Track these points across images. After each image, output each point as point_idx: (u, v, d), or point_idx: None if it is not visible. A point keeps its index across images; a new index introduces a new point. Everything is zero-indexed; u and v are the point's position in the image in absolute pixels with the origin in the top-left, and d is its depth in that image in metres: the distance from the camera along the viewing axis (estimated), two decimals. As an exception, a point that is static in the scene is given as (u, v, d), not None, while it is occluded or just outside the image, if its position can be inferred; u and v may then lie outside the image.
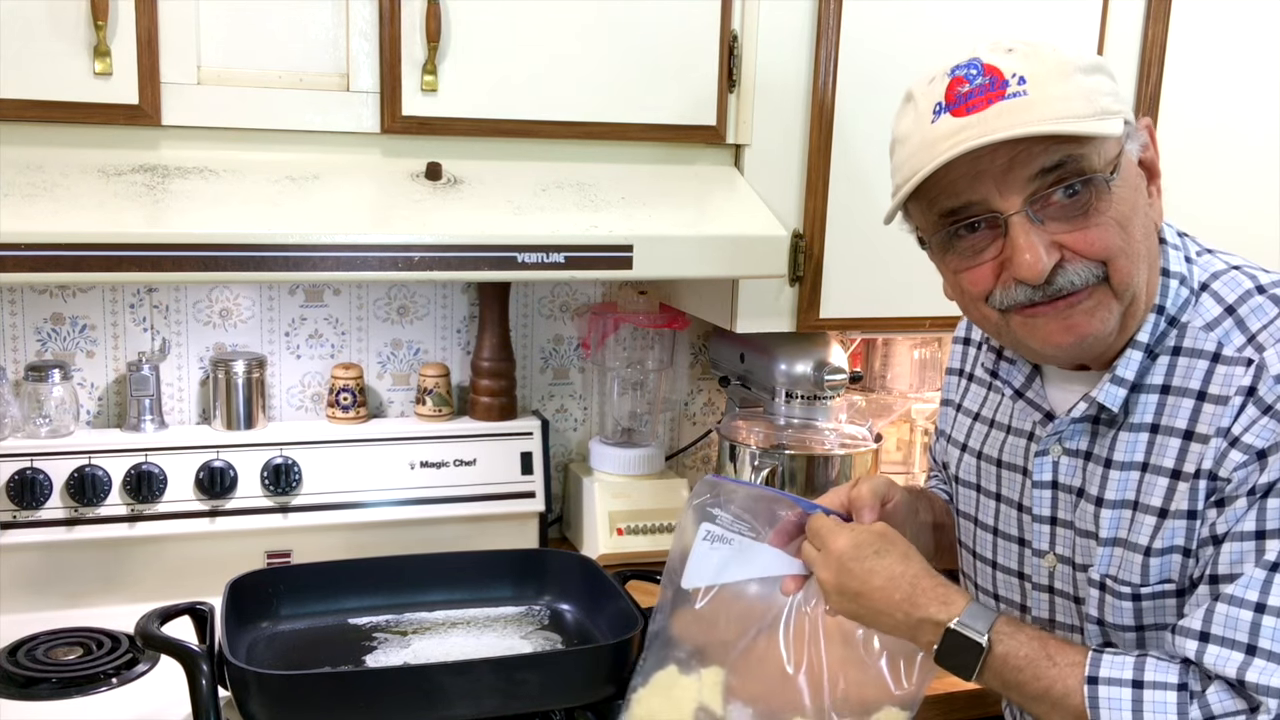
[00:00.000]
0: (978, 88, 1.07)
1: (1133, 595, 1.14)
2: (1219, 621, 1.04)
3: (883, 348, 2.19)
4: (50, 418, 1.79)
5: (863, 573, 1.17)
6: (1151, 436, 1.14)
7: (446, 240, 1.48)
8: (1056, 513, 1.23)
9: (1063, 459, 1.21)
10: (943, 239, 1.14)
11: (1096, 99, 1.07)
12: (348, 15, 1.55)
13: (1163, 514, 1.12)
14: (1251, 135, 1.98)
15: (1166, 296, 1.14)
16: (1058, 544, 1.24)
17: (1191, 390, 1.12)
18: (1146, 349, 1.14)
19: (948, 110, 1.08)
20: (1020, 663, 1.10)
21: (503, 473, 1.95)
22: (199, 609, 1.49)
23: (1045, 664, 1.09)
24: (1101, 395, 1.15)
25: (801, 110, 1.75)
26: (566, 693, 1.47)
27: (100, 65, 1.44)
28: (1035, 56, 1.07)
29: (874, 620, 1.18)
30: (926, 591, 1.15)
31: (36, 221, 1.35)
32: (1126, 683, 1.05)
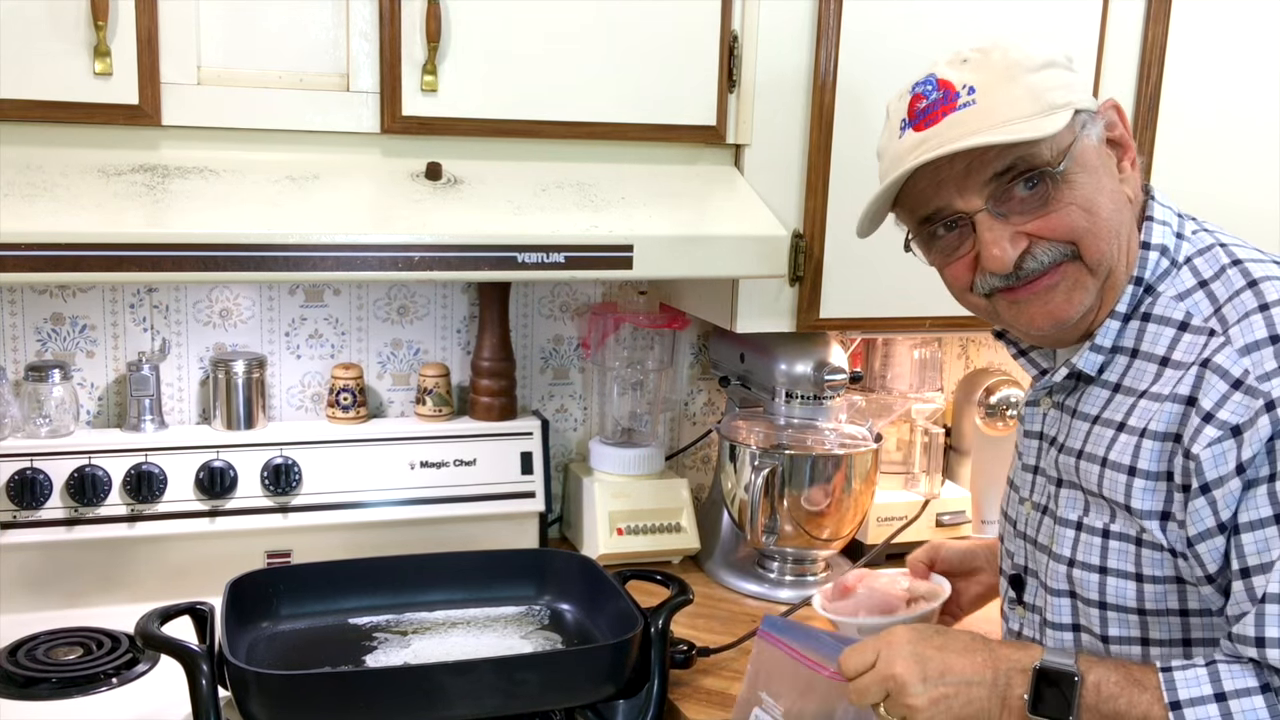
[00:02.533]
0: (933, 102, 1.18)
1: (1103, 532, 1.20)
2: (1271, 622, 1.05)
3: (883, 348, 2.19)
4: (50, 418, 1.79)
5: (937, 649, 1.16)
6: (1112, 394, 1.21)
7: (446, 240, 1.48)
8: (1039, 462, 1.31)
9: (1051, 411, 1.30)
10: (922, 240, 1.26)
11: (1043, 96, 1.15)
12: (348, 15, 1.55)
13: (1104, 463, 1.19)
14: (1252, 135, 1.98)
15: (1145, 268, 1.20)
16: (1036, 492, 1.32)
17: (1156, 356, 1.18)
18: (1124, 317, 1.21)
19: (910, 125, 1.20)
20: (1114, 690, 1.10)
21: (503, 473, 1.95)
22: (199, 609, 1.49)
23: (1136, 690, 1.09)
24: (1080, 362, 1.23)
25: (801, 110, 1.75)
26: (566, 693, 1.47)
27: (100, 65, 1.44)
28: (985, 64, 1.17)
29: (965, 694, 1.14)
30: (1001, 647, 1.17)
31: (36, 221, 1.35)
32: (1210, 698, 1.06)
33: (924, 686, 1.14)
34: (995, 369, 2.26)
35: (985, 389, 2.16)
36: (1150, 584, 1.17)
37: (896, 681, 1.15)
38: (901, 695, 1.15)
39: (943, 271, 1.27)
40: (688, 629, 1.72)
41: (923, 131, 1.18)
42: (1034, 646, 1.17)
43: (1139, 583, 1.17)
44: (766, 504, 1.85)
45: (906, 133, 1.20)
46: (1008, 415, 2.15)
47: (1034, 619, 1.31)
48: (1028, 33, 1.80)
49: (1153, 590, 1.17)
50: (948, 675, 1.14)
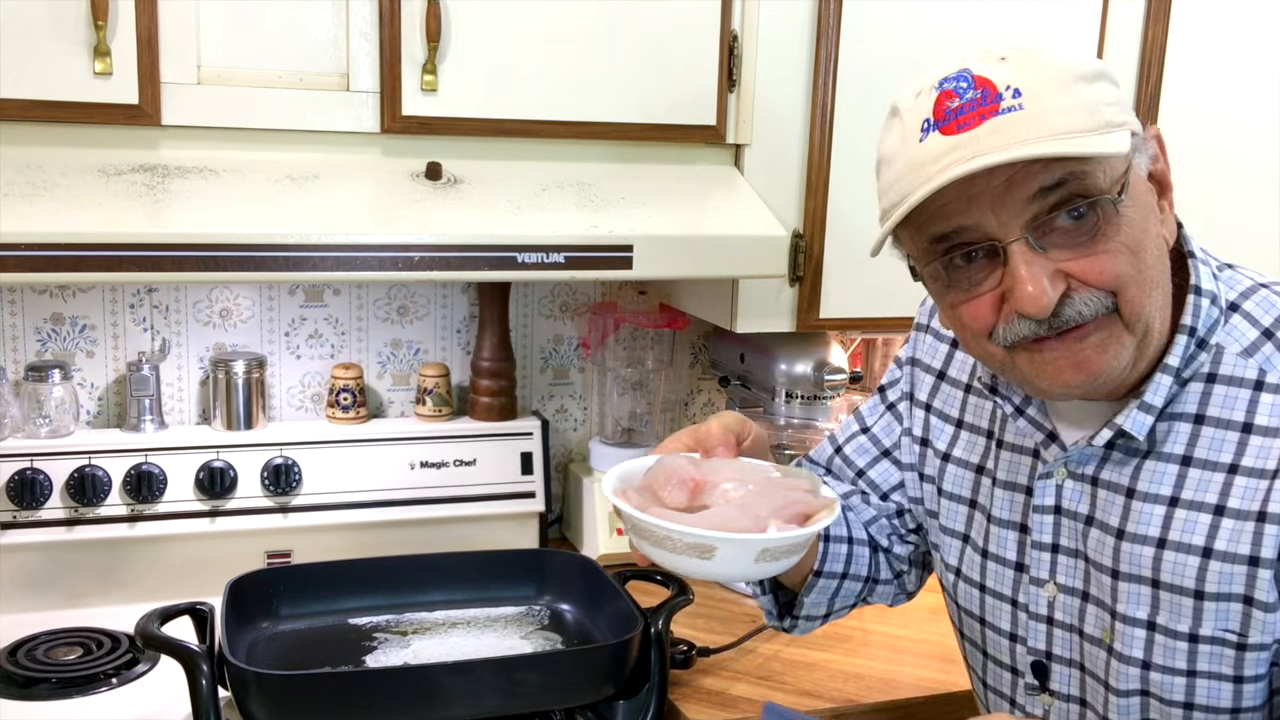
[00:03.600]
0: (969, 102, 0.97)
1: (1189, 637, 1.06)
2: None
3: (883, 348, 2.19)
4: (50, 418, 1.79)
5: None
6: (1184, 469, 1.06)
7: (446, 240, 1.48)
8: (1059, 539, 1.16)
9: (1067, 482, 1.14)
10: (936, 269, 1.04)
11: (1099, 110, 0.97)
12: (348, 15, 1.55)
13: (1206, 553, 1.04)
14: (1252, 135, 1.98)
15: (1197, 317, 1.05)
16: (1059, 573, 1.16)
17: (1235, 422, 1.04)
18: (1177, 374, 1.05)
19: (937, 128, 0.98)
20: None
21: (503, 473, 1.95)
22: (199, 609, 1.49)
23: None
24: (1127, 423, 1.06)
25: (801, 110, 1.75)
26: (566, 693, 1.47)
27: (100, 65, 1.44)
28: (1030, 64, 0.97)
29: None
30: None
31: (36, 221, 1.35)
32: None
33: None
34: (995, 369, 2.26)
35: (985, 389, 2.15)
36: (1251, 684, 1.05)
37: None
38: None
39: (955, 309, 1.06)
40: (688, 629, 1.72)
41: (954, 136, 0.97)
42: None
43: (1237, 684, 1.06)
44: (766, 504, 1.85)
45: (931, 135, 0.98)
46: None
47: (1066, 708, 1.18)
48: (1027, 33, 1.81)
49: (1252, 689, 1.05)
50: None
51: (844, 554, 1.30)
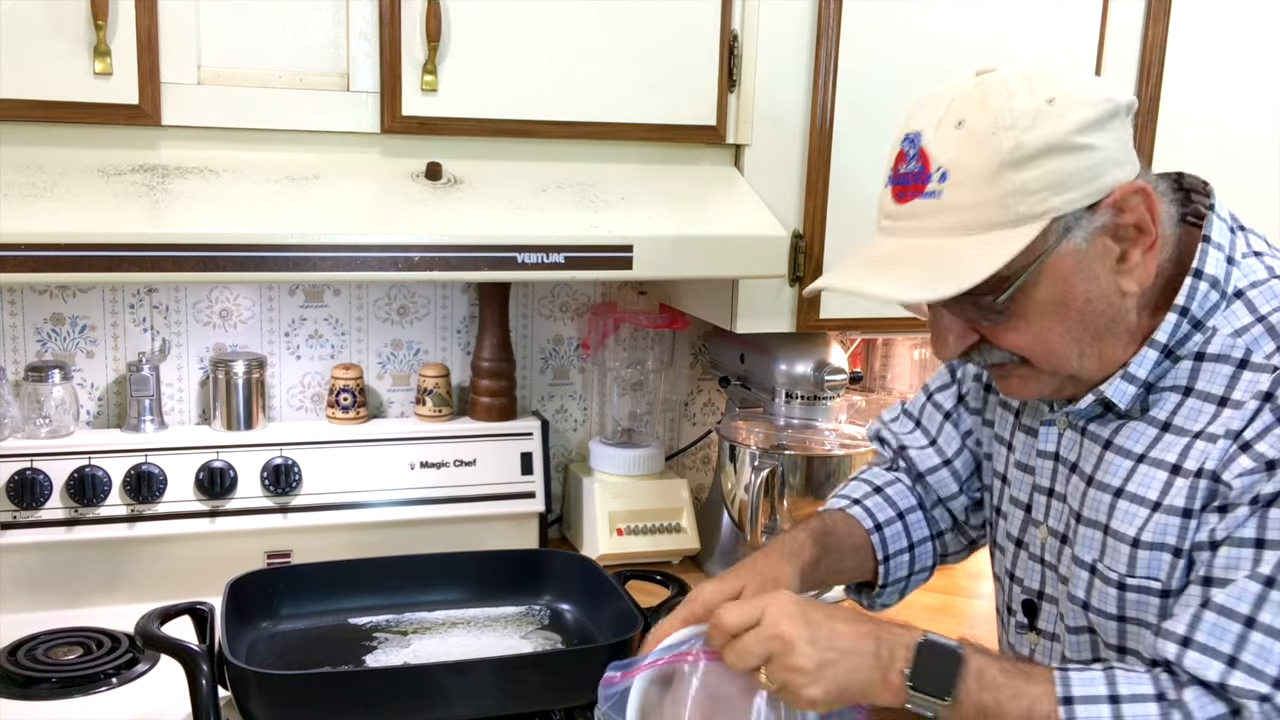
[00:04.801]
0: (909, 173, 1.09)
1: (1118, 584, 1.14)
2: (1205, 629, 1.03)
3: (883, 348, 2.20)
4: (50, 418, 1.79)
5: (825, 615, 1.08)
6: (1160, 433, 1.13)
7: (446, 240, 1.48)
8: (1054, 485, 1.24)
9: (1067, 432, 1.22)
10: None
11: (1016, 205, 1.04)
12: (348, 15, 1.55)
13: (1155, 507, 1.11)
14: (1252, 135, 1.98)
15: (1193, 299, 1.11)
16: (1051, 516, 1.25)
17: (1214, 395, 1.10)
18: (1164, 349, 1.12)
19: (891, 184, 1.12)
20: (998, 678, 1.05)
21: (503, 473, 1.95)
22: (199, 609, 1.49)
23: (1023, 681, 1.05)
24: (1110, 391, 1.14)
25: (802, 110, 1.75)
26: (566, 693, 1.46)
27: (100, 65, 1.44)
28: (974, 143, 1.05)
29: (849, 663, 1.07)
30: (887, 625, 1.10)
31: (36, 221, 1.35)
32: (1103, 699, 1.03)
33: (811, 649, 1.06)
34: (995, 369, 2.26)
35: (985, 389, 2.15)
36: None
37: (783, 641, 1.06)
38: (787, 656, 1.06)
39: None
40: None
41: (893, 204, 1.10)
42: (917, 627, 1.10)
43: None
44: (766, 504, 1.85)
45: (887, 189, 1.12)
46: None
47: (1050, 646, 1.27)
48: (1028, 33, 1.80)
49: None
50: (835, 641, 1.06)
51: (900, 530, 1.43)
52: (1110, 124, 1.06)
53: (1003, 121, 1.04)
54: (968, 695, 1.05)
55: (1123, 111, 1.08)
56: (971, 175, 1.05)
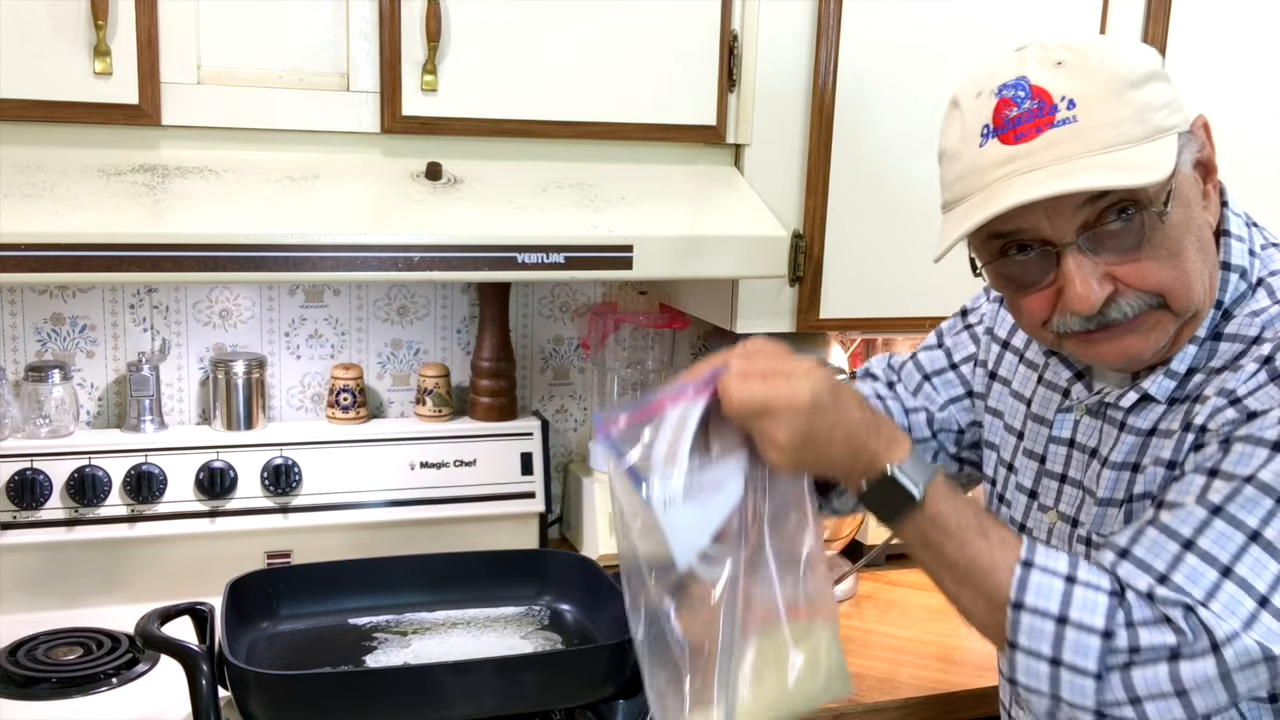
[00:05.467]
0: (1026, 113, 1.04)
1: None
2: (1144, 544, 1.04)
3: (883, 348, 2.19)
4: (50, 418, 1.79)
5: (828, 426, 1.08)
6: (1167, 408, 1.14)
7: (446, 240, 1.48)
8: (1068, 470, 1.24)
9: (1085, 419, 1.22)
10: (998, 267, 1.13)
11: (1149, 117, 1.03)
12: (348, 15, 1.55)
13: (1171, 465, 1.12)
14: (1252, 136, 1.98)
15: (1225, 290, 1.12)
16: (1063, 501, 1.24)
17: (1217, 368, 1.11)
18: (1201, 342, 1.13)
19: (995, 135, 1.06)
20: (950, 527, 1.07)
21: (503, 473, 1.95)
22: (199, 609, 1.49)
23: (977, 536, 1.07)
24: (1153, 387, 1.14)
25: (801, 110, 1.75)
26: (566, 693, 1.47)
27: (100, 65, 1.44)
28: (1085, 71, 1.03)
29: (822, 468, 1.10)
30: (878, 435, 1.10)
31: (36, 221, 1.35)
32: (1060, 575, 1.04)
33: (796, 453, 1.07)
34: (995, 369, 2.26)
35: (985, 389, 2.15)
36: None
37: (774, 416, 1.06)
38: (773, 429, 1.06)
39: (1015, 301, 1.14)
40: (688, 629, 1.72)
41: (1012, 146, 1.04)
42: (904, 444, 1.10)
43: None
44: (766, 504, 1.85)
45: (990, 142, 1.06)
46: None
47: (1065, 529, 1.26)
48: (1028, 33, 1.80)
49: None
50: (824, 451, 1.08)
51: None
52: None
53: (1097, 50, 1.05)
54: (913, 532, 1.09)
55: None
56: (1101, 97, 1.03)
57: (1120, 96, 1.03)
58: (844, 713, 1.54)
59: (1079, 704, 1.03)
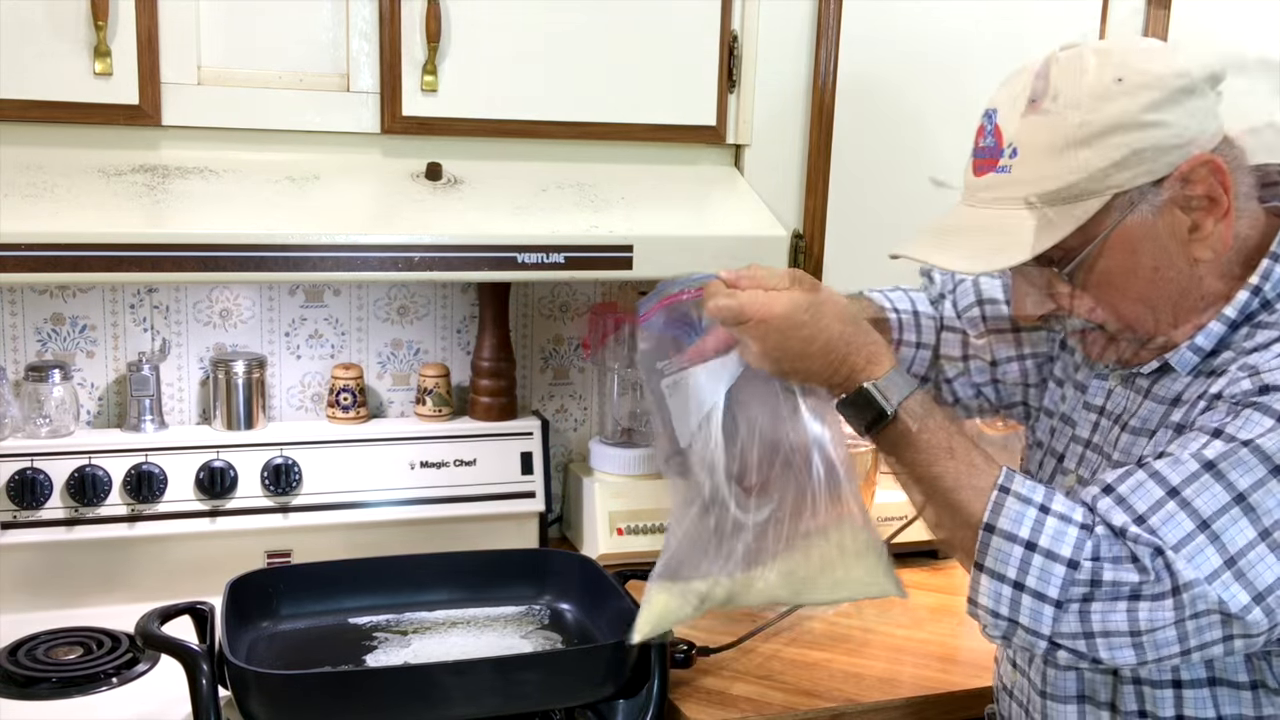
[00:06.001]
0: (985, 148, 1.16)
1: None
2: (1130, 485, 1.06)
3: (883, 348, 2.19)
4: (50, 418, 1.79)
5: (801, 341, 1.16)
6: (1192, 380, 1.17)
7: (446, 240, 1.48)
8: (1093, 437, 1.27)
9: (1117, 388, 1.25)
10: None
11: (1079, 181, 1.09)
12: (348, 15, 1.55)
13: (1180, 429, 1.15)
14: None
15: (1267, 279, 1.14)
16: (1084, 465, 1.28)
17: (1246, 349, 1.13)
18: (1232, 323, 1.15)
19: (973, 158, 1.18)
20: (919, 444, 1.12)
21: (503, 473, 1.95)
22: (199, 609, 1.49)
23: (944, 454, 1.11)
24: (1175, 359, 1.17)
25: (801, 110, 1.75)
26: (566, 692, 1.47)
27: (100, 65, 1.44)
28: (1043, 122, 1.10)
29: (803, 377, 1.19)
30: (859, 350, 1.16)
31: (37, 221, 1.35)
32: (1035, 504, 1.07)
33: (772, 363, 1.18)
34: (995, 369, 2.26)
35: (985, 389, 2.16)
36: None
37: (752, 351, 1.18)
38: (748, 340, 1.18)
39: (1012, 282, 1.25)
40: (688, 629, 1.72)
41: (973, 177, 1.17)
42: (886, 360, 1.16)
43: None
44: (766, 504, 1.85)
45: (970, 162, 1.19)
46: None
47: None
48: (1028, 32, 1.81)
49: None
50: (799, 361, 1.17)
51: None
52: (1183, 100, 1.10)
53: (1070, 100, 1.10)
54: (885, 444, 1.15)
55: (1202, 85, 1.11)
56: (1038, 152, 1.11)
57: (1058, 155, 1.10)
58: (843, 712, 1.54)
59: (1035, 630, 1.05)
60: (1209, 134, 1.12)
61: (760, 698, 1.55)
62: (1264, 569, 1.01)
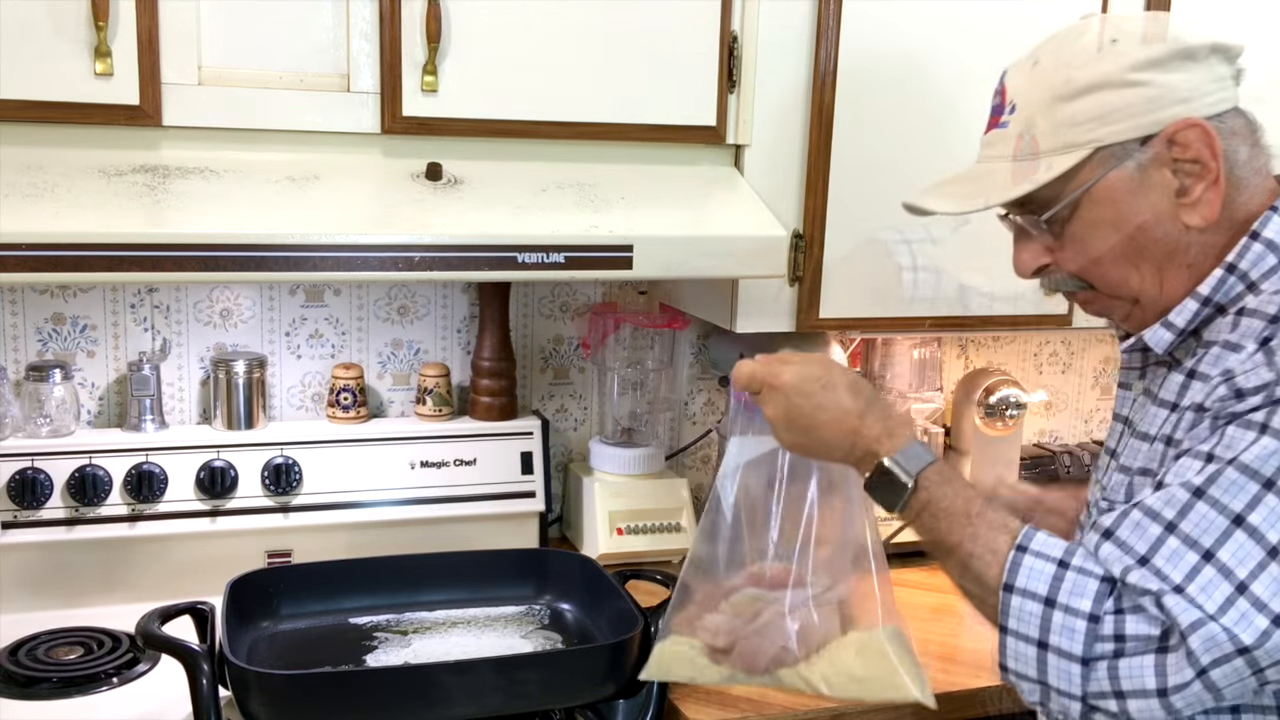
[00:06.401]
0: (995, 107, 1.20)
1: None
2: (1127, 527, 1.04)
3: (882, 348, 2.19)
4: (51, 417, 1.79)
5: (811, 409, 1.20)
6: (1188, 380, 1.14)
7: (447, 240, 1.48)
8: (1117, 445, 1.26)
9: (1140, 398, 1.23)
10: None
11: (1065, 132, 1.13)
12: (348, 16, 1.55)
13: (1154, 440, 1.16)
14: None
15: (1243, 257, 1.13)
16: (1105, 474, 1.27)
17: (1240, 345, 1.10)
18: (1204, 300, 1.14)
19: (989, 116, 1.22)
20: (939, 513, 1.13)
21: (503, 472, 1.95)
22: (199, 609, 1.50)
23: (963, 521, 1.12)
24: (1149, 336, 1.17)
25: (801, 110, 1.75)
26: (566, 692, 1.47)
27: (101, 66, 1.44)
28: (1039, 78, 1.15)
29: (822, 453, 1.23)
30: (873, 425, 1.19)
31: (37, 222, 1.35)
32: (1053, 560, 1.05)
33: (788, 433, 1.23)
34: (994, 369, 2.26)
35: (984, 389, 2.16)
36: None
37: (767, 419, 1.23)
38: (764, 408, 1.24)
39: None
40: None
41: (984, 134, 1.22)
42: (902, 433, 1.18)
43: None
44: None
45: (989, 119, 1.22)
46: (1007, 415, 2.15)
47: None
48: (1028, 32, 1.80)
49: None
50: (811, 432, 1.21)
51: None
52: (1176, 64, 1.13)
53: (1065, 59, 1.14)
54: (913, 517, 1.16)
55: (1203, 52, 1.14)
56: (1030, 107, 1.15)
57: (1049, 109, 1.14)
58: (844, 712, 1.54)
59: (1066, 691, 1.03)
60: (1209, 101, 1.13)
61: (760, 698, 1.55)
62: (1277, 588, 0.97)
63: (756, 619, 1.28)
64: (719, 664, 1.30)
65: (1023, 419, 2.18)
